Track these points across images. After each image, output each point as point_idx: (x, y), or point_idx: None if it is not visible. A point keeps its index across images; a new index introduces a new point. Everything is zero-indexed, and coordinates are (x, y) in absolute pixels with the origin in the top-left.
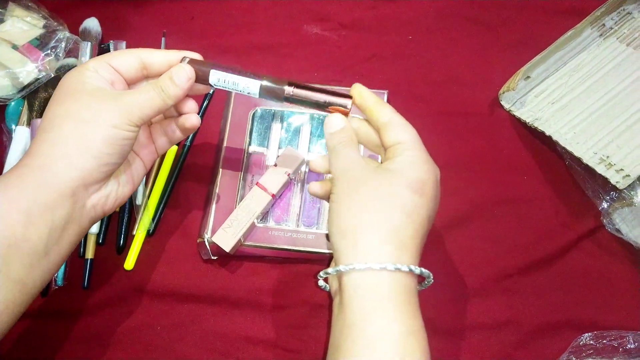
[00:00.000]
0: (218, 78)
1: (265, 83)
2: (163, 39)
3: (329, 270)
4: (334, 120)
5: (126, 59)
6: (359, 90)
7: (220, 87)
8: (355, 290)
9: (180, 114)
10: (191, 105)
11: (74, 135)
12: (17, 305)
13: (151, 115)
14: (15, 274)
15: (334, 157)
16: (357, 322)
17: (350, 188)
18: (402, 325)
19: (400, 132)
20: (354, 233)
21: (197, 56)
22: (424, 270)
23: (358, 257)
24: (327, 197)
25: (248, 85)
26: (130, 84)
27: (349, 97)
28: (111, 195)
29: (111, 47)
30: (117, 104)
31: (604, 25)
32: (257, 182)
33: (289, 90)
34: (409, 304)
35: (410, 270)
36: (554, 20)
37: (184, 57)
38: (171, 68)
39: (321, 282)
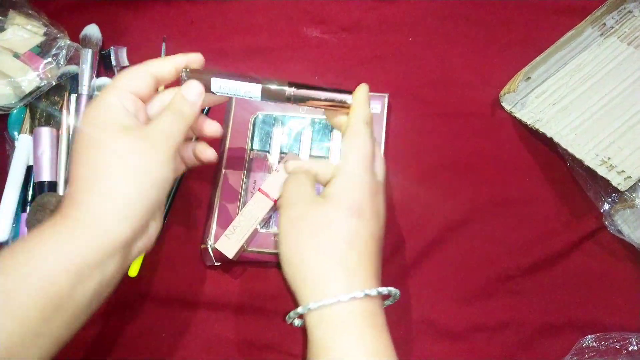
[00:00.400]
0: (219, 85)
1: (266, 86)
2: (163, 44)
3: (291, 314)
4: (290, 162)
5: (141, 80)
6: (360, 91)
7: (223, 94)
8: (316, 327)
9: (200, 137)
10: (213, 127)
11: (124, 186)
12: (51, 356)
13: (181, 139)
14: (55, 333)
15: (285, 183)
16: (320, 352)
17: (292, 224)
18: (366, 348)
19: (345, 144)
20: (299, 266)
21: (197, 58)
22: (381, 289)
23: (309, 293)
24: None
25: (249, 90)
26: (147, 101)
27: (350, 92)
28: (153, 232)
29: (112, 53)
30: (151, 143)
31: (604, 24)
32: (259, 188)
33: (289, 91)
34: (372, 326)
35: (367, 295)
36: (554, 20)
37: (184, 68)
38: (180, 88)
39: (296, 322)
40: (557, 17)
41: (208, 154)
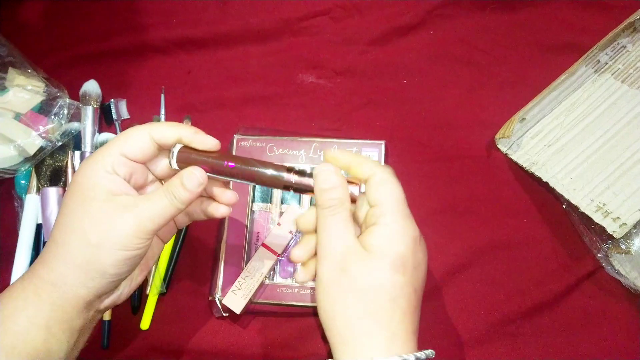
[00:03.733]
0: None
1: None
2: (162, 94)
3: None
4: (326, 175)
5: (139, 144)
6: (331, 155)
7: (215, 177)
8: None
9: (209, 197)
10: (228, 196)
11: (82, 259)
12: None
13: (163, 224)
14: None
15: (320, 225)
16: None
17: (333, 277)
18: None
19: (376, 191)
20: (342, 328)
21: (208, 142)
22: (419, 354)
23: (347, 350)
24: (312, 274)
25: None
26: (148, 162)
27: (354, 183)
28: (124, 291)
29: (112, 106)
30: (127, 221)
31: (598, 61)
32: (263, 243)
33: (288, 177)
34: None
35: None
36: (548, 58)
37: (177, 143)
38: (182, 171)
39: None
40: (550, 56)
41: (222, 211)
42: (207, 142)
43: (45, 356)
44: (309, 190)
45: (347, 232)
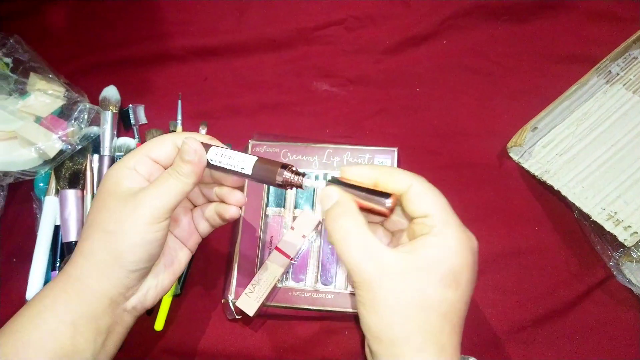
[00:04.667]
0: (216, 153)
1: (260, 162)
2: (179, 100)
3: None
4: (326, 193)
5: (163, 148)
6: (352, 172)
7: (216, 163)
8: None
9: (222, 201)
10: (237, 197)
11: (100, 248)
12: None
13: (176, 202)
14: None
15: (338, 248)
16: None
17: (375, 292)
18: None
19: (424, 203)
20: (391, 343)
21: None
22: None
23: None
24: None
25: (243, 160)
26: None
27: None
28: (150, 292)
29: (130, 111)
30: (140, 205)
31: (610, 71)
32: (276, 246)
33: (286, 175)
34: None
35: None
36: (559, 68)
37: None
38: (180, 147)
39: None
40: (561, 66)
41: (232, 212)
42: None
43: (72, 353)
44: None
45: (371, 243)
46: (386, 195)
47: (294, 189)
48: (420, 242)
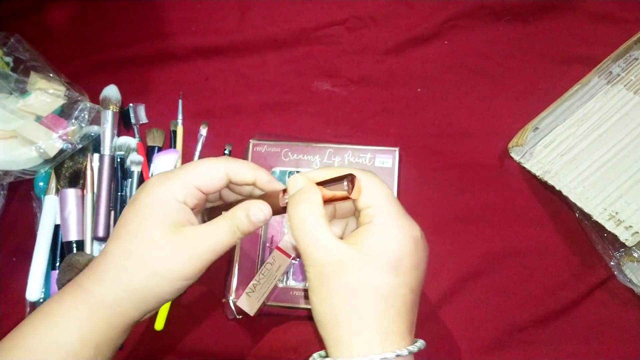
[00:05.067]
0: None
1: None
2: (180, 100)
3: (315, 356)
4: (293, 180)
5: (214, 179)
6: (310, 175)
7: None
8: None
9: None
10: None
11: (143, 286)
12: None
13: (222, 253)
14: None
15: (294, 234)
16: None
17: (322, 279)
18: None
19: (367, 194)
20: (333, 325)
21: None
22: (411, 347)
23: (342, 351)
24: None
25: None
26: (214, 193)
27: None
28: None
29: (131, 110)
30: (193, 253)
31: (610, 72)
32: (277, 246)
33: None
34: None
35: (398, 355)
36: (561, 69)
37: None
38: (249, 205)
39: None
40: (563, 67)
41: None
42: (277, 187)
43: None
44: None
45: (327, 236)
46: (342, 178)
47: None
48: (364, 231)
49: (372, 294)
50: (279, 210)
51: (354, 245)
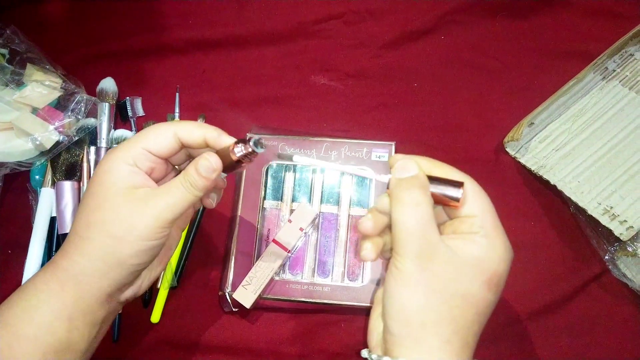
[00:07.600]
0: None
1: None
2: (177, 93)
3: (381, 357)
4: (407, 165)
5: (163, 141)
6: (411, 162)
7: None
8: None
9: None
10: (207, 202)
11: (105, 252)
12: None
13: (182, 212)
14: None
15: (401, 214)
16: None
17: (421, 275)
18: None
19: (475, 203)
20: (419, 327)
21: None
22: None
23: (417, 354)
24: (375, 252)
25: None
26: (170, 157)
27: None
28: (144, 283)
29: (127, 103)
30: (148, 212)
31: (606, 68)
32: (274, 239)
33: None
34: None
35: None
36: (557, 65)
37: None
38: (197, 159)
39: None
40: (559, 62)
41: (206, 203)
42: (227, 142)
43: (67, 347)
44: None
45: (434, 223)
46: (458, 184)
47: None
48: (469, 240)
49: (471, 307)
50: (232, 164)
51: (460, 248)
